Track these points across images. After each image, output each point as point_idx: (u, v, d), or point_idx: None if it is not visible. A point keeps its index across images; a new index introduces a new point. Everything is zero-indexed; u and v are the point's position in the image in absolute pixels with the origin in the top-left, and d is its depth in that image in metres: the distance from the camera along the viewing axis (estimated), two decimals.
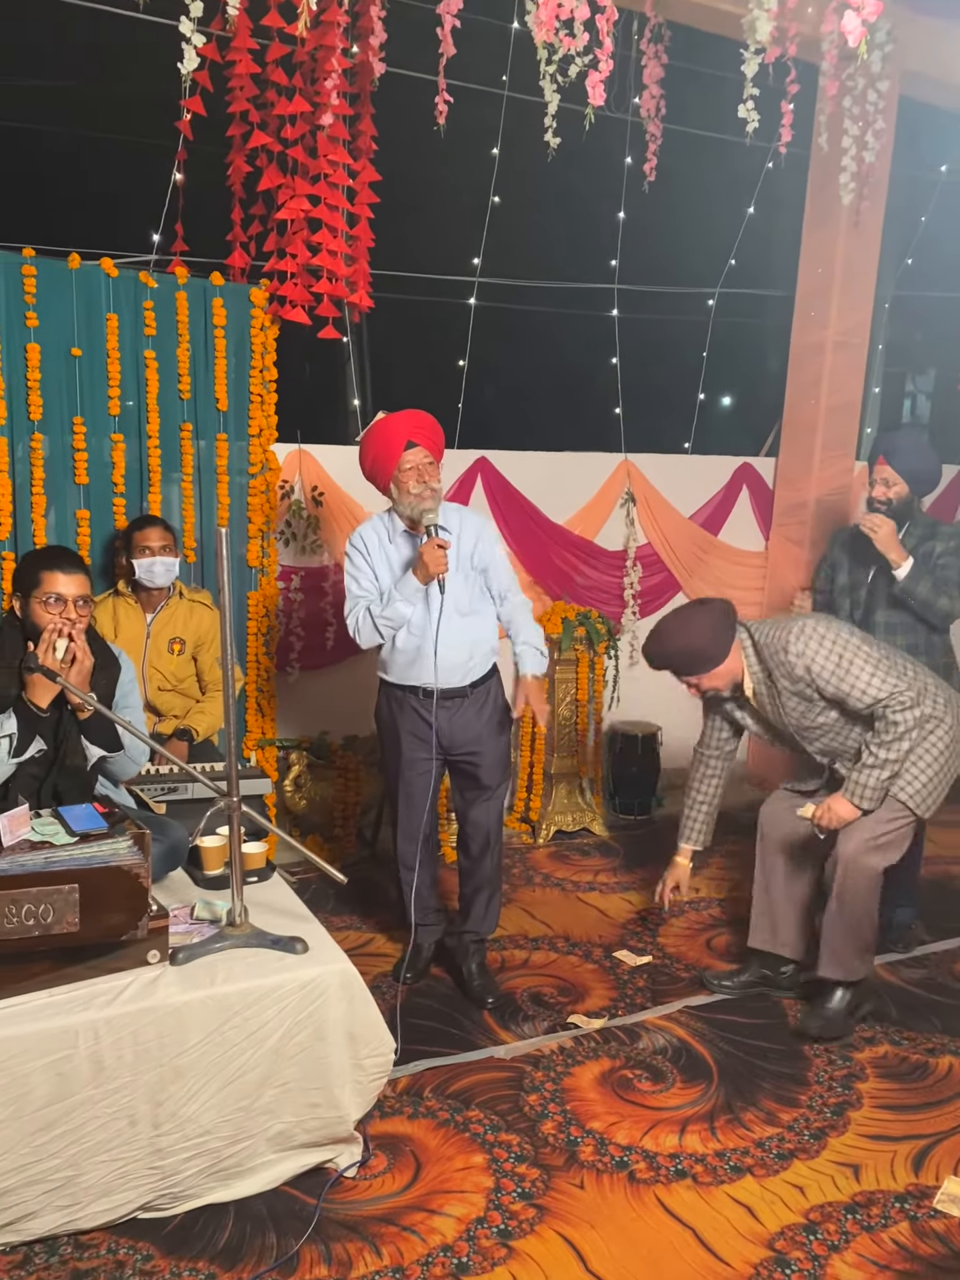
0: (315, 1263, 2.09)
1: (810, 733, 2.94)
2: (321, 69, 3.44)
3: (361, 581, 3.02)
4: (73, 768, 2.60)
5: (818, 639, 2.81)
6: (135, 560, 3.39)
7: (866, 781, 2.82)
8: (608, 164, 4.54)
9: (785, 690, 2.86)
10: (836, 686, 2.80)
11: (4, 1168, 1.98)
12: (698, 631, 2.86)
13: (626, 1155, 2.44)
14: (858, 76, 4.14)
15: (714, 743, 3.20)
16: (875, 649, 2.86)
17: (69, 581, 2.54)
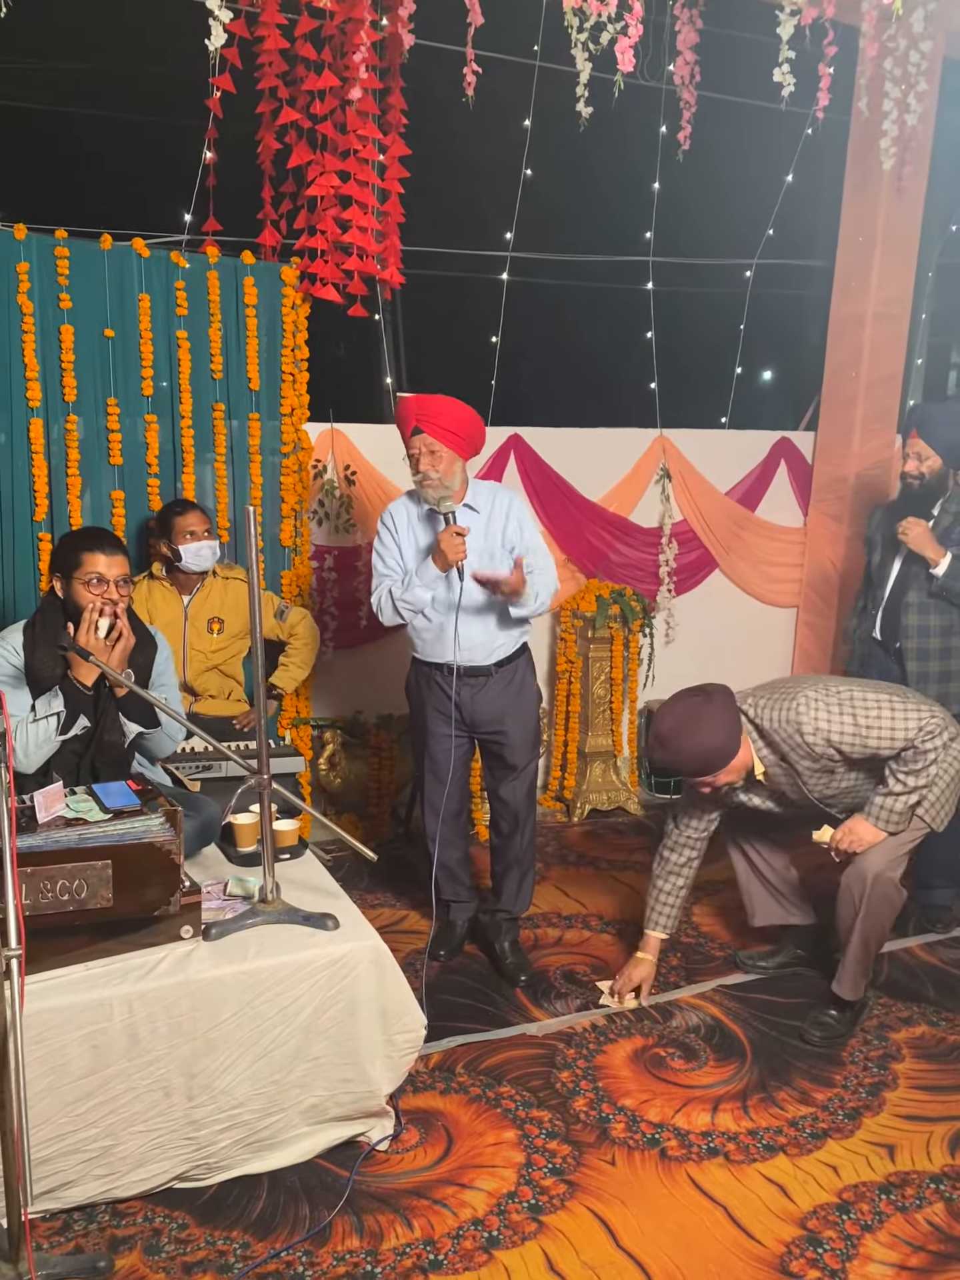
0: (347, 1234, 2.11)
1: (835, 799, 2.83)
2: (350, 42, 3.40)
3: (387, 560, 3.03)
4: (110, 743, 2.63)
5: (825, 709, 2.65)
6: (181, 546, 3.40)
7: (894, 806, 2.69)
8: (642, 134, 4.46)
9: (806, 770, 2.73)
10: (864, 746, 2.66)
11: (43, 1137, 2.02)
12: (709, 731, 2.65)
13: (658, 1133, 2.44)
14: (899, 37, 4.02)
15: (688, 836, 2.96)
16: (876, 690, 2.72)
17: (110, 562, 2.57)
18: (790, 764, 2.72)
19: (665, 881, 2.99)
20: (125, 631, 2.58)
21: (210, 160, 3.57)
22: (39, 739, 2.50)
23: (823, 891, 3.13)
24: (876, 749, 2.66)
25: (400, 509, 3.06)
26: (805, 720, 2.64)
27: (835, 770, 2.74)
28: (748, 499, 4.99)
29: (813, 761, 2.69)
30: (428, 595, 2.94)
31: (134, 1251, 2.05)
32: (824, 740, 2.64)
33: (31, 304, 3.35)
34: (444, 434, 2.89)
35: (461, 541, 2.86)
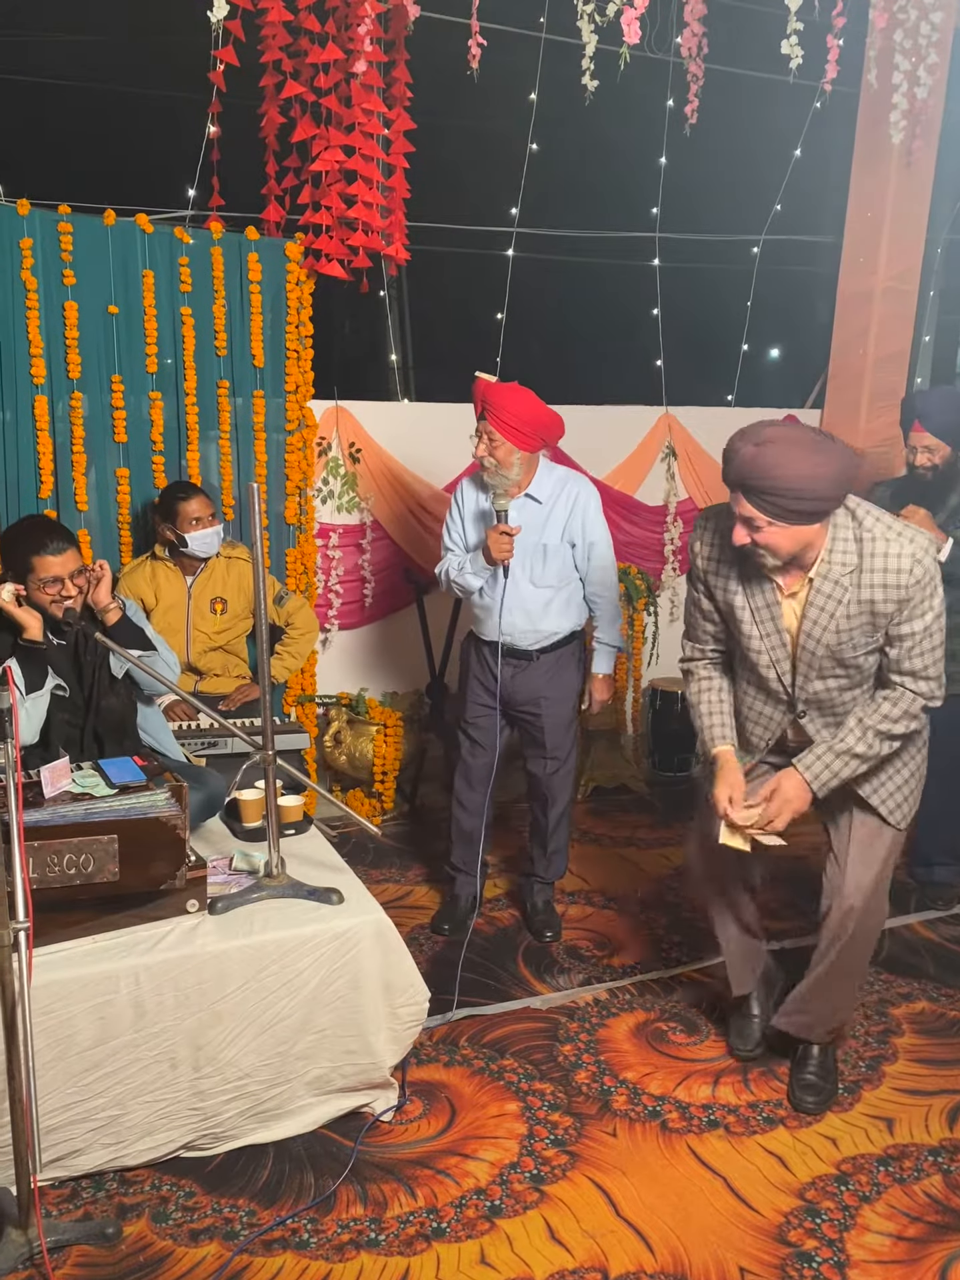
0: (351, 1202, 2.14)
1: (830, 669, 2.27)
2: (354, 14, 3.37)
3: (453, 534, 3.13)
4: (108, 709, 2.65)
5: (936, 570, 2.15)
6: (187, 533, 3.39)
7: (841, 771, 2.26)
8: (648, 108, 4.42)
9: (866, 603, 2.15)
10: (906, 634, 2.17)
11: (52, 1106, 2.05)
12: (827, 467, 2.04)
13: (659, 1105, 2.46)
14: (909, 8, 3.98)
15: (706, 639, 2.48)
16: None
17: (60, 562, 2.55)
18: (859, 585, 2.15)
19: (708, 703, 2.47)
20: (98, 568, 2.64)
21: (214, 135, 3.55)
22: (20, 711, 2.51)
23: None
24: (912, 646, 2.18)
25: (470, 488, 3.11)
26: (925, 559, 2.11)
27: (868, 640, 2.20)
28: None
29: (883, 593, 2.13)
30: (478, 583, 3.03)
31: (142, 1219, 2.08)
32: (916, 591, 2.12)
33: (35, 280, 3.35)
34: (505, 427, 2.88)
35: (509, 541, 2.89)
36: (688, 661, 2.53)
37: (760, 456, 2.03)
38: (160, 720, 2.90)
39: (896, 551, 2.11)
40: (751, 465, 2.04)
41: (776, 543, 2.12)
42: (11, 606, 2.54)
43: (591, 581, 3.09)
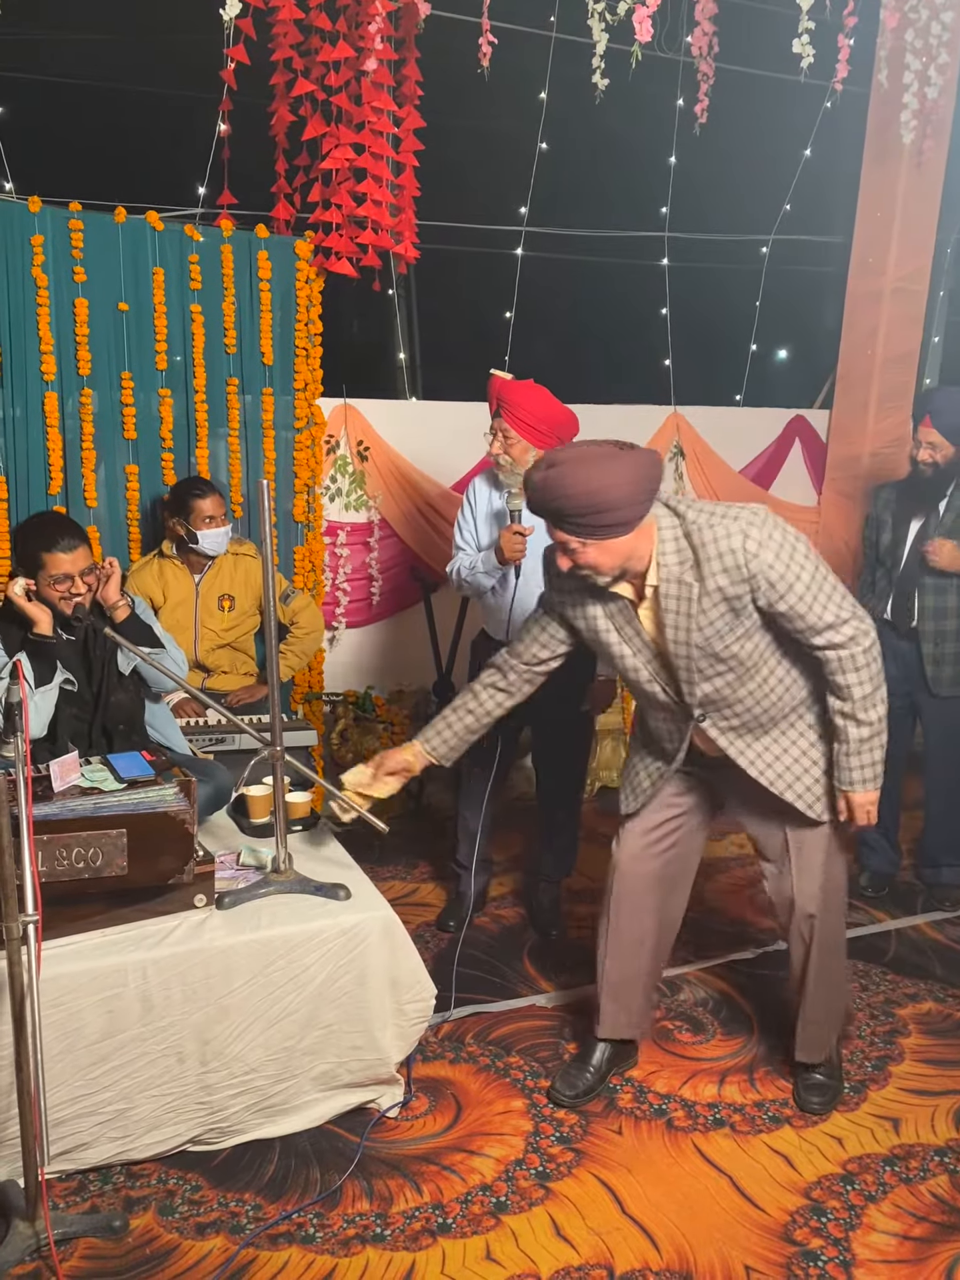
0: (357, 1197, 2.14)
1: (710, 667, 2.16)
2: (365, 12, 3.38)
3: (464, 533, 3.11)
4: (117, 704, 2.66)
5: (779, 535, 2.04)
6: (199, 530, 3.38)
7: (874, 757, 2.19)
8: (658, 107, 4.41)
9: (716, 594, 2.07)
10: (786, 600, 2.05)
11: (60, 1099, 2.06)
12: (617, 475, 1.98)
13: (665, 1103, 2.46)
14: (920, 8, 3.97)
15: (527, 657, 2.35)
16: None
17: (71, 560, 2.57)
18: (701, 580, 2.07)
19: (457, 700, 2.44)
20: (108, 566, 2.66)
21: (224, 133, 3.55)
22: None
23: None
24: (794, 611, 2.07)
25: (484, 486, 3.10)
26: (755, 532, 2.02)
27: (741, 617, 2.10)
28: (761, 477, 4.97)
29: (730, 583, 2.05)
30: (489, 582, 3.01)
31: (148, 1212, 2.09)
32: (761, 565, 2.02)
33: (46, 277, 3.36)
34: (520, 424, 2.88)
35: (522, 541, 2.88)
36: (490, 668, 2.42)
37: (549, 481, 2.00)
38: (167, 716, 2.91)
39: (725, 533, 2.04)
40: (544, 491, 2.01)
41: (596, 561, 2.07)
42: (22, 601, 2.55)
43: None
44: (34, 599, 2.58)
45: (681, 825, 2.45)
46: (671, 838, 2.45)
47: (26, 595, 2.56)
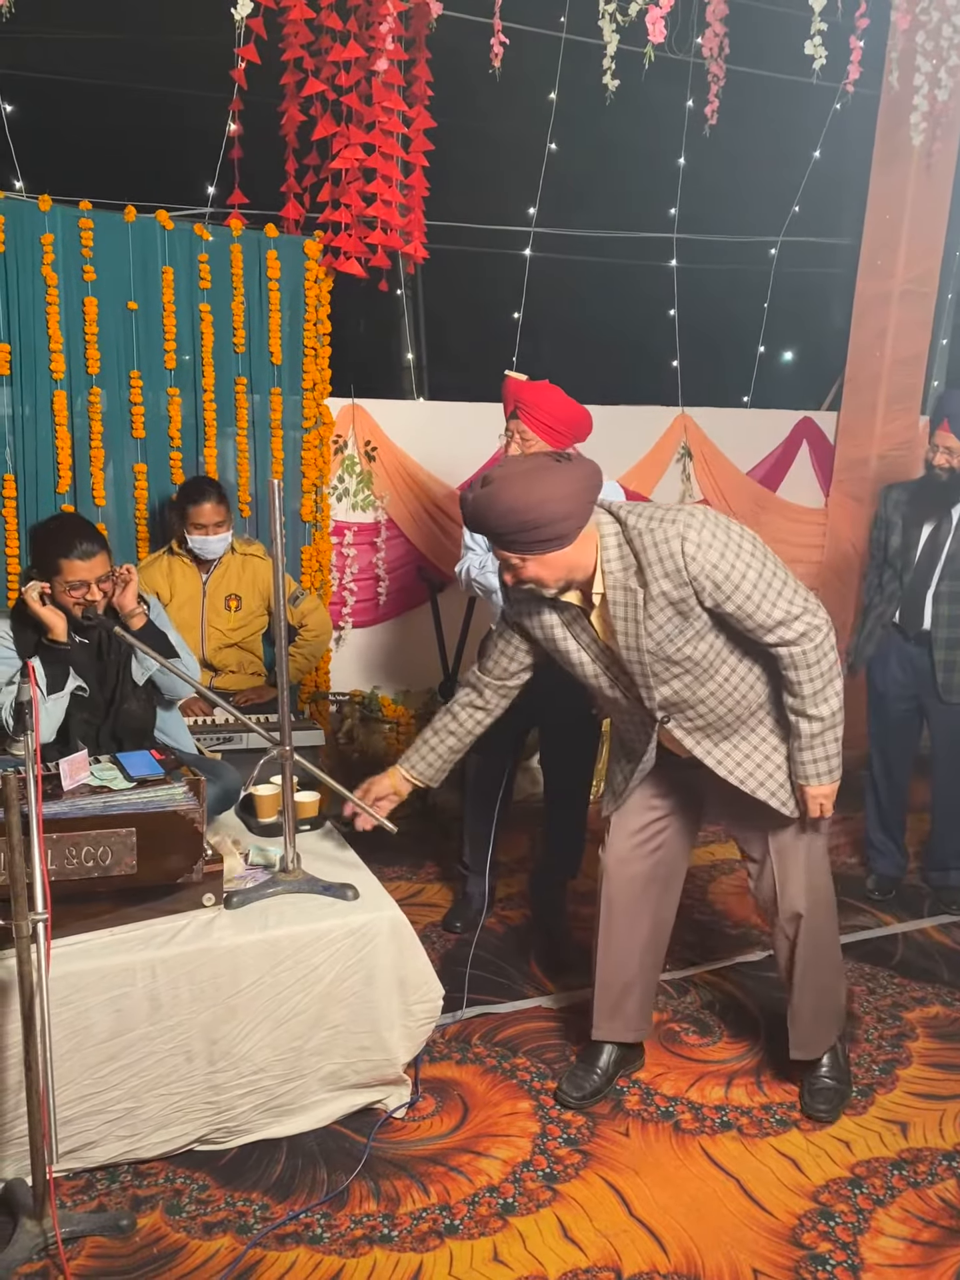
0: (364, 1198, 2.14)
1: (666, 670, 2.15)
2: (376, 12, 3.38)
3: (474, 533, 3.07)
4: (130, 712, 2.65)
5: (721, 534, 2.02)
6: (189, 535, 3.38)
7: (828, 751, 2.17)
8: (668, 108, 4.41)
9: (661, 599, 2.06)
10: (734, 600, 2.04)
11: (67, 1098, 2.05)
12: (550, 490, 1.97)
13: (672, 1106, 2.46)
14: (931, 10, 3.96)
15: (497, 672, 2.37)
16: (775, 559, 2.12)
17: (88, 567, 2.53)
18: (645, 586, 2.06)
19: (436, 721, 2.46)
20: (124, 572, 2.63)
21: (234, 132, 3.56)
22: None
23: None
24: (742, 610, 2.05)
25: None
26: (692, 534, 2.00)
27: (690, 619, 2.09)
28: (769, 479, 4.97)
29: (674, 587, 2.03)
30: (497, 581, 2.99)
31: (155, 1211, 2.09)
32: (702, 567, 2.00)
33: (56, 275, 3.36)
34: (538, 424, 2.87)
35: None
36: (464, 686, 2.43)
37: (482, 501, 1.99)
38: (176, 717, 2.91)
39: (663, 537, 2.02)
40: (479, 513, 2.01)
41: (538, 574, 2.06)
42: (37, 605, 2.53)
43: None
44: (49, 603, 2.56)
45: (667, 826, 2.45)
46: (658, 839, 2.45)
47: (41, 600, 2.55)
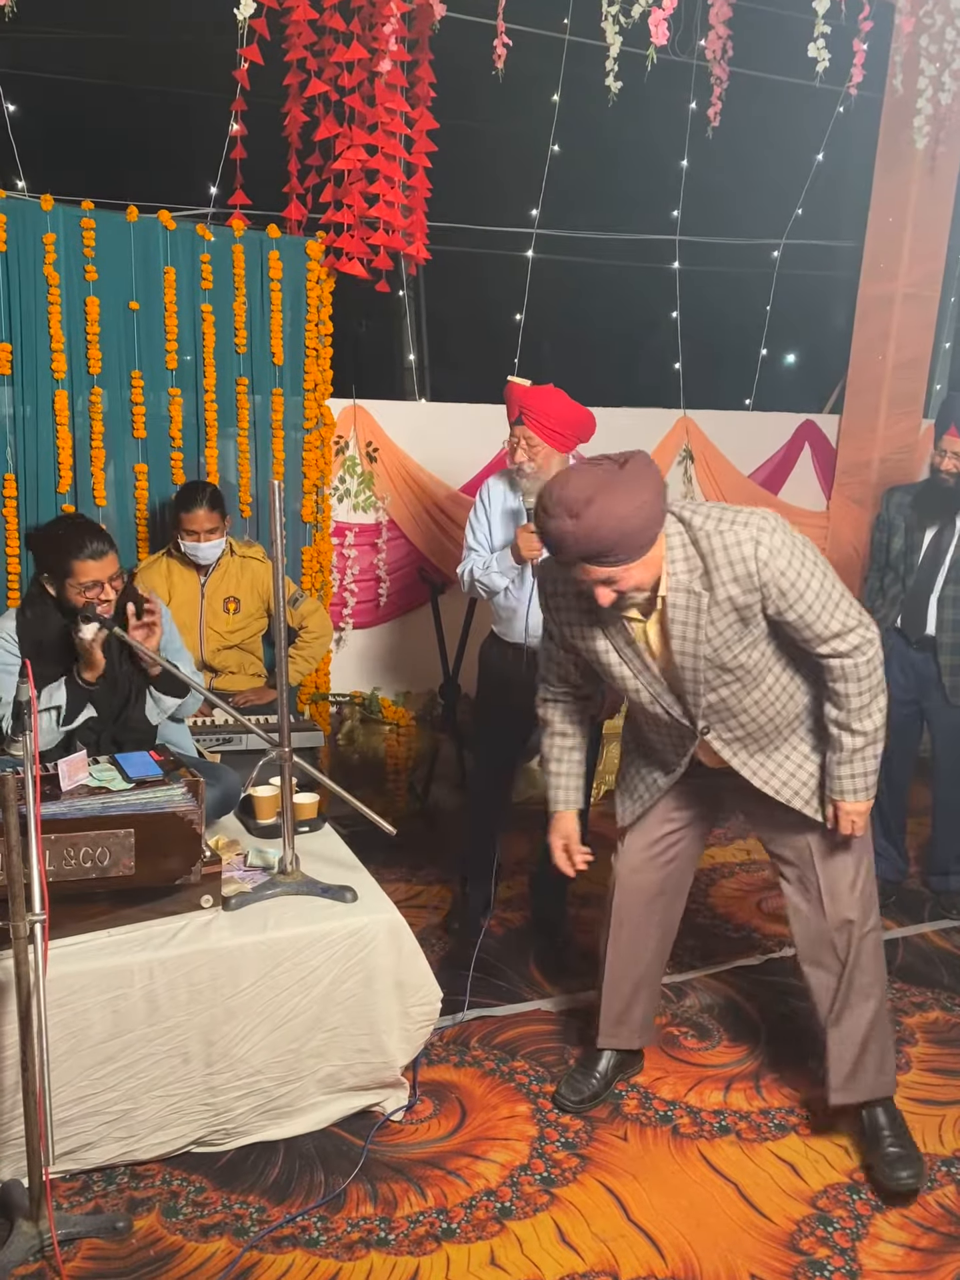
0: (361, 1201, 2.14)
1: (717, 678, 2.11)
2: (380, 13, 3.37)
3: (478, 534, 3.09)
4: (135, 724, 2.66)
5: (789, 542, 1.99)
6: (182, 541, 3.38)
7: (866, 768, 2.13)
8: (671, 110, 4.41)
9: (726, 604, 2.01)
10: (796, 610, 2.00)
11: (65, 1099, 2.05)
12: (641, 493, 1.91)
13: (670, 1110, 2.45)
14: (935, 13, 3.96)
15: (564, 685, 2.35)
16: None
17: (100, 567, 2.53)
18: (711, 589, 2.01)
19: (554, 751, 2.39)
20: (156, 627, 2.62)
21: (237, 132, 3.55)
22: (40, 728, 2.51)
23: None
24: (803, 620, 2.02)
25: (498, 485, 3.10)
26: (766, 539, 1.96)
27: (750, 626, 2.05)
28: (771, 482, 4.96)
29: (741, 591, 1.99)
30: (504, 582, 3.00)
31: (152, 1213, 2.08)
32: (773, 573, 1.97)
33: (58, 275, 3.36)
34: (544, 430, 2.87)
35: (538, 540, 2.87)
36: (541, 705, 2.39)
37: (584, 525, 1.88)
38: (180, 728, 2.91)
39: (734, 540, 1.97)
40: (582, 538, 1.89)
41: (638, 580, 1.99)
42: (97, 651, 2.53)
43: None
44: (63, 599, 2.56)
45: (682, 838, 2.43)
46: (672, 850, 2.43)
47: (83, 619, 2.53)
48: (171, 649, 2.79)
